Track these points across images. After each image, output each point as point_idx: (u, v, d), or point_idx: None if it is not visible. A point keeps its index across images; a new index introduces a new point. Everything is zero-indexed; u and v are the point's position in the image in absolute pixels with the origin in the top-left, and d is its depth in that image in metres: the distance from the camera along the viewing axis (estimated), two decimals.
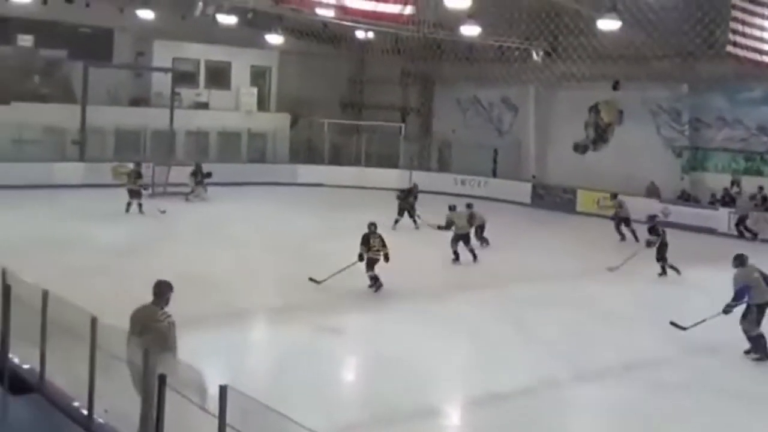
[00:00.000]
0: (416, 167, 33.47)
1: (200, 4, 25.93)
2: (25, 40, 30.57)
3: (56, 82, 31.77)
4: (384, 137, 34.83)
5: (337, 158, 34.87)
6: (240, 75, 34.77)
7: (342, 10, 23.20)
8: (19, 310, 8.99)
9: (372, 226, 15.85)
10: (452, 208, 19.48)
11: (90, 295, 10.21)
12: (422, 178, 31.35)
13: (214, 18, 27.65)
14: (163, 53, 32.56)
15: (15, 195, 24.22)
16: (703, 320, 12.59)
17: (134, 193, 23.61)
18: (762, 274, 12.40)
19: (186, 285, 15.00)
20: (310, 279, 15.51)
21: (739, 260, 12.55)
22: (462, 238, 18.69)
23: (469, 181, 31.38)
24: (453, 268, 18.28)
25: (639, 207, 23.75)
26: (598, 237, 23.21)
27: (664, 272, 17.85)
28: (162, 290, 8.07)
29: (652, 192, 27.47)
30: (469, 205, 20.28)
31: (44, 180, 26.97)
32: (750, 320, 12.17)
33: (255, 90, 34.88)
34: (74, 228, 20.14)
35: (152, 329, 7.76)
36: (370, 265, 15.37)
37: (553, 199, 29.65)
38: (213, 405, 6.32)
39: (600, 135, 30.88)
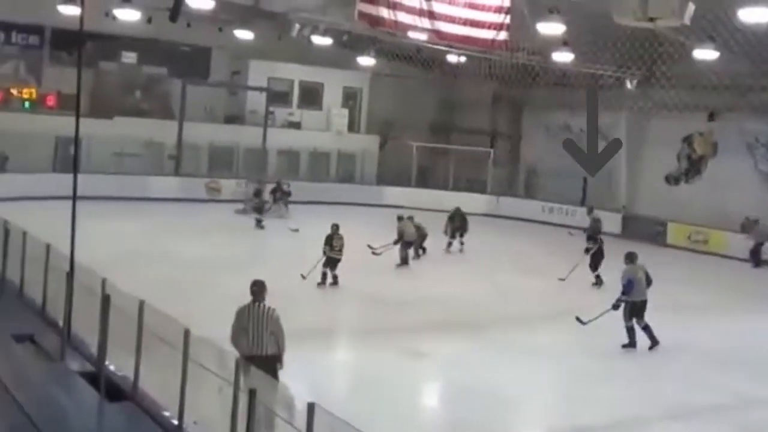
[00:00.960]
0: (504, 193, 33.26)
1: (297, 25, 26.38)
2: (129, 58, 31.77)
3: (156, 98, 32.88)
4: (472, 161, 34.74)
5: (424, 181, 34.96)
6: (332, 96, 35.30)
7: (436, 34, 23.38)
8: (116, 320, 9.29)
9: (334, 227, 17.22)
10: (401, 219, 20.94)
11: (182, 307, 10.44)
12: (509, 205, 31.32)
13: (309, 39, 28.09)
14: (258, 72, 33.32)
15: (114, 206, 25.01)
16: (601, 314, 13.85)
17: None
18: (646, 274, 13.78)
19: (272, 302, 15.36)
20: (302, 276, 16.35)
21: (629, 258, 14.07)
22: (409, 245, 20.33)
23: (557, 209, 31.01)
24: (539, 297, 18.03)
25: (733, 243, 23.06)
26: (688, 272, 22.62)
27: None
28: (262, 288, 9.06)
29: (747, 228, 26.63)
30: (410, 218, 21.36)
31: (141, 192, 27.87)
32: (624, 313, 13.71)
33: (346, 111, 35.37)
34: (169, 241, 20.67)
35: (271, 321, 8.76)
36: (331, 263, 16.78)
37: (643, 230, 28.97)
38: (300, 422, 6.41)
39: (693, 167, 30.13)
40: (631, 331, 13.80)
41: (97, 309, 9.44)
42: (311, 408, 6.22)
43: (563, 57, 24.65)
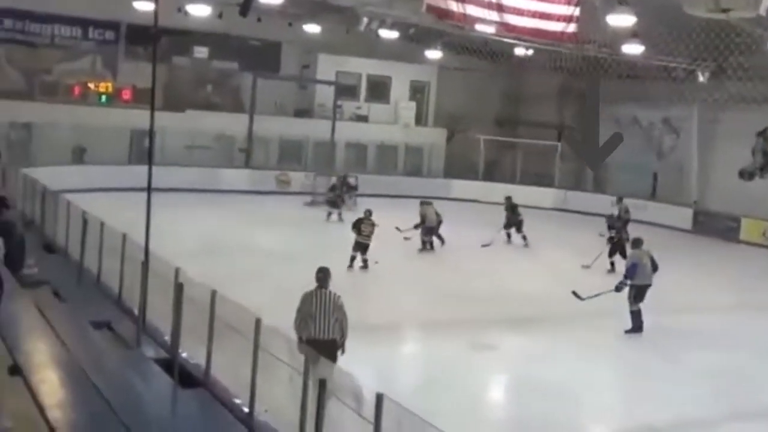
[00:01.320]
0: (572, 187, 32.85)
1: (365, 19, 26.46)
2: (201, 52, 32.26)
3: (227, 91, 33.36)
4: (539, 155, 34.38)
5: (491, 174, 34.73)
6: (399, 89, 35.32)
7: (504, 27, 23.19)
8: (189, 309, 9.48)
9: (367, 212, 18.00)
10: (423, 203, 21.56)
11: (254, 297, 10.58)
12: (578, 199, 30.92)
13: (377, 33, 28.14)
14: (327, 66, 33.50)
15: (186, 198, 25.46)
16: (600, 293, 14.13)
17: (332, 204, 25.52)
18: (652, 260, 13.97)
19: (344, 296, 15.47)
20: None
21: (635, 243, 14.55)
22: (432, 230, 20.75)
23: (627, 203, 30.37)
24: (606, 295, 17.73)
25: None
26: (762, 269, 22.03)
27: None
28: (327, 275, 9.34)
29: None
30: (430, 203, 21.83)
31: (212, 185, 28.33)
32: (628, 297, 13.87)
33: (413, 104, 35.35)
34: (240, 232, 20.97)
35: (336, 307, 9.03)
36: (360, 248, 17.34)
37: (715, 226, 28.33)
38: (368, 412, 6.45)
39: None
40: (636, 315, 13.91)
41: (170, 298, 9.66)
42: (380, 399, 6.24)
43: (633, 49, 24.17)
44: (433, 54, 32.13)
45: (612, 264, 19.31)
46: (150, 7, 20.08)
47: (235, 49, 32.29)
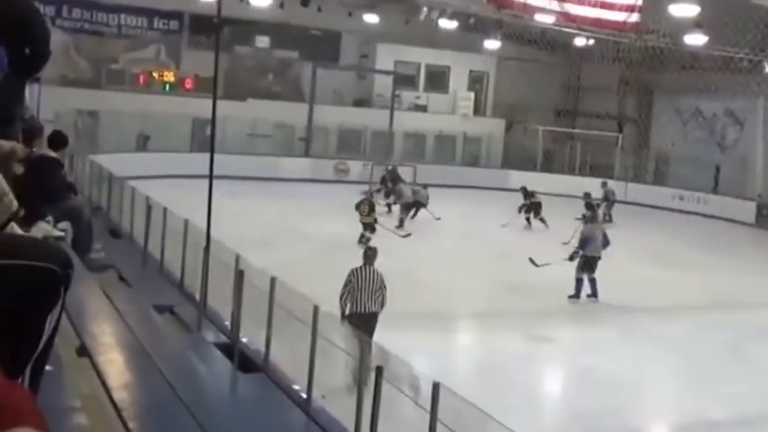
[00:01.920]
0: (632, 179, 32.36)
1: (424, 8, 26.40)
2: (262, 42, 32.56)
3: (287, 81, 33.62)
4: (599, 147, 33.85)
5: (549, 166, 34.40)
6: (458, 79, 35.14)
7: (564, 16, 22.93)
8: (249, 295, 9.58)
9: (367, 193, 19.61)
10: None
11: (313, 284, 10.64)
12: (638, 191, 30.46)
13: (436, 23, 28.06)
14: (385, 56, 33.48)
15: (247, 186, 25.70)
16: (553, 263, 15.31)
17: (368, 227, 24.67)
18: (603, 235, 15.28)
19: (400, 283, 15.45)
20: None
21: (590, 218, 16.35)
22: (409, 207, 22.34)
23: (688, 196, 29.90)
24: (670, 286, 17.42)
25: None
26: None
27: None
28: (375, 253, 10.28)
29: None
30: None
31: (272, 173, 28.54)
32: (577, 265, 14.94)
33: (472, 94, 35.15)
34: (299, 220, 21.04)
35: (382, 284, 9.83)
36: (367, 227, 18.27)
37: None
38: (424, 401, 6.45)
39: None
40: (579, 282, 15.02)
41: (231, 284, 9.77)
42: (436, 387, 6.24)
43: (696, 39, 23.66)
44: (492, 44, 31.91)
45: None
46: None
47: (295, 39, 32.52)
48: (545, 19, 24.14)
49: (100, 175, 17.77)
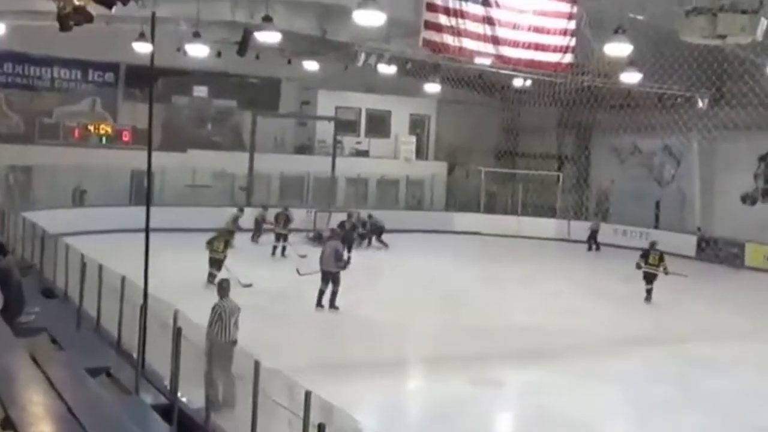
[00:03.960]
0: (574, 217, 32.79)
1: (363, 54, 26.55)
2: (200, 91, 32.45)
3: (227, 130, 33.51)
4: (540, 186, 34.43)
5: (493, 207, 34.74)
6: (399, 123, 35.47)
7: (500, 59, 23.17)
8: (187, 352, 9.36)
9: (221, 231, 20.14)
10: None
11: (254, 338, 10.44)
12: (581, 228, 30.82)
13: (375, 68, 28.23)
14: (326, 102, 33.68)
15: (188, 238, 25.23)
16: (316, 272, 16.87)
17: (280, 237, 24.78)
18: (335, 251, 16.91)
19: (344, 329, 15.33)
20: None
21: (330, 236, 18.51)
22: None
23: (630, 231, 30.39)
24: (608, 322, 17.55)
25: None
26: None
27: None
28: (228, 286, 10.61)
29: None
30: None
31: (214, 224, 27.83)
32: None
33: (413, 138, 35.45)
34: (243, 271, 20.66)
35: (236, 312, 10.10)
36: (213, 263, 18.92)
37: (719, 252, 28.20)
38: None
39: None
40: (320, 294, 16.58)
41: (170, 340, 9.53)
42: None
43: (630, 78, 24.19)
44: (432, 87, 32.24)
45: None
46: (149, 48, 20.16)
47: (234, 87, 32.53)
48: (483, 62, 24.43)
49: (33, 232, 17.35)
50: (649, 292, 19.85)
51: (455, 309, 17.76)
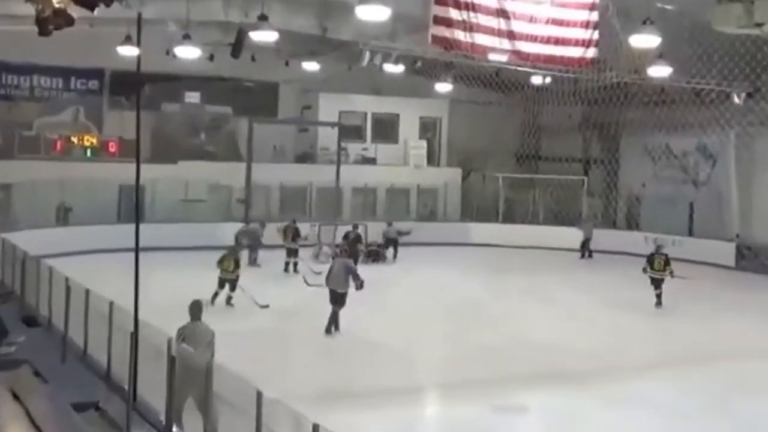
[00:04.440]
0: (601, 225, 32.71)
1: (367, 53, 26.57)
2: (192, 98, 32.55)
3: (221, 139, 33.61)
4: (564, 192, 34.43)
5: (512, 216, 34.73)
6: (408, 127, 35.52)
7: (517, 55, 23.17)
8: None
9: (230, 248, 20.49)
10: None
11: (256, 364, 10.42)
12: (608, 237, 30.74)
13: (381, 68, 28.24)
14: (329, 106, 33.74)
15: (182, 257, 25.34)
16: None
17: (292, 252, 24.87)
18: (347, 268, 16.89)
19: (348, 355, 15.29)
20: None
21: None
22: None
23: (662, 240, 30.18)
24: (646, 339, 17.47)
25: None
26: None
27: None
28: (200, 308, 10.45)
29: None
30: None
31: (209, 241, 27.88)
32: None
33: (424, 143, 35.48)
34: (242, 293, 20.71)
35: (208, 335, 9.99)
36: (223, 283, 19.02)
37: (761, 261, 27.96)
38: None
39: None
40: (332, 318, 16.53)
41: (164, 370, 9.51)
42: None
43: (660, 72, 24.09)
44: (443, 87, 32.25)
45: None
46: (136, 52, 20.23)
47: (228, 93, 32.66)
48: (499, 59, 24.42)
49: (14, 255, 17.38)
50: (658, 296, 20.63)
51: (472, 327, 17.71)
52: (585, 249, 30.58)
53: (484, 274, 25.37)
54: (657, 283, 20.82)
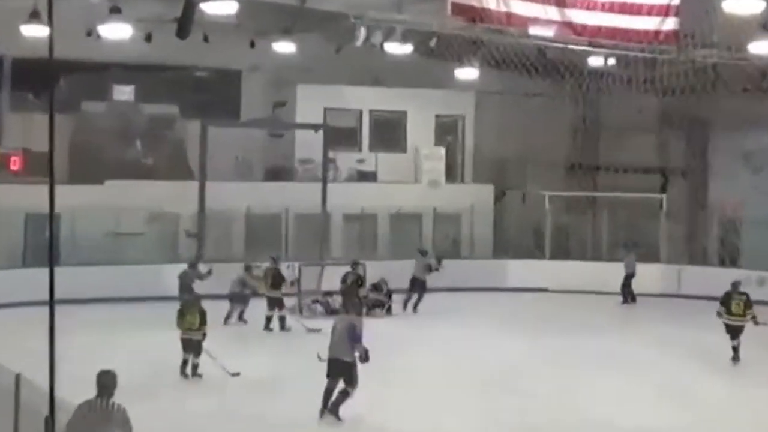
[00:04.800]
0: (686, 260, 32.60)
1: (363, 30, 26.56)
2: (124, 93, 32.40)
3: (165, 149, 33.42)
4: (634, 215, 34.40)
5: (565, 249, 34.76)
6: (420, 130, 35.63)
7: (568, 27, 23.29)
8: None
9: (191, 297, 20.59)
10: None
11: None
12: (697, 277, 30.58)
13: (381, 49, 28.23)
14: (310, 103, 33.80)
15: (112, 312, 25.26)
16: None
17: (275, 302, 24.74)
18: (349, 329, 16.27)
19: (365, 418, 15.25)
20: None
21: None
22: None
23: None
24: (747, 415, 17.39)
25: None
26: None
27: None
28: (113, 381, 10.29)
29: None
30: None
31: (150, 290, 27.83)
32: None
33: (442, 151, 35.48)
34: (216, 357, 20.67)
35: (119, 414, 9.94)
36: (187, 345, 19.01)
37: None
38: None
39: None
40: (326, 396, 15.95)
41: None
42: None
43: (764, 49, 24.13)
44: (468, 74, 32.12)
45: None
46: (45, 32, 20.21)
47: (173, 86, 32.76)
48: (543, 34, 24.49)
49: None
50: (735, 349, 21.24)
51: (513, 405, 17.68)
52: (627, 290, 30.72)
53: (528, 331, 25.29)
54: (734, 332, 21.25)
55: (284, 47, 29.61)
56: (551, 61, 31.78)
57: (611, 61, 29.96)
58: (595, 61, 30.20)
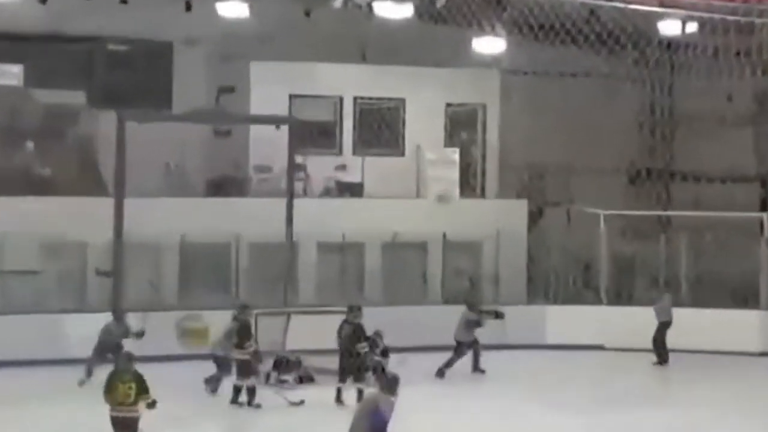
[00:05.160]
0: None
1: None
2: (8, 75, 32.13)
3: (68, 152, 33.20)
4: (723, 241, 34.23)
5: (627, 289, 34.58)
6: (423, 124, 35.52)
7: None
8: None
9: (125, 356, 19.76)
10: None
11: None
12: None
13: (369, 11, 28.18)
14: (269, 87, 33.69)
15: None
16: None
17: (245, 368, 24.66)
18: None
19: None
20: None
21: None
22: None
23: None
24: None
25: None
26: None
27: None
28: None
29: None
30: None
31: (44, 352, 27.70)
32: None
33: (455, 153, 35.30)
34: None
35: None
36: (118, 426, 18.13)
37: None
38: None
39: None
40: None
41: None
42: None
43: None
44: (490, 46, 31.92)
45: None
46: None
47: (78, 66, 32.36)
48: None
49: None
50: None
51: None
52: (662, 345, 30.76)
53: (574, 402, 25.36)
54: None
55: (233, 10, 29.52)
56: (607, 27, 31.58)
57: (691, 27, 29.84)
58: (670, 27, 30.07)
